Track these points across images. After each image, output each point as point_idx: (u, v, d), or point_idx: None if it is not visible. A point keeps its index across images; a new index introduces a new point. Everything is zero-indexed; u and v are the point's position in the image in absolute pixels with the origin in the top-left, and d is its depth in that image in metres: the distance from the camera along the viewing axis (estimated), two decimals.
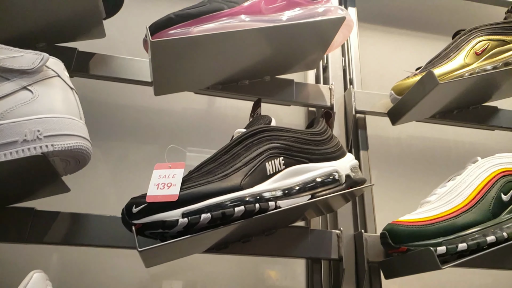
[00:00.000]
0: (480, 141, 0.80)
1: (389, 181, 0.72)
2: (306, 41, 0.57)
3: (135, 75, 0.57)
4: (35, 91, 0.40)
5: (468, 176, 0.53)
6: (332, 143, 0.48)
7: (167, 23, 0.48)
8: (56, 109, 0.40)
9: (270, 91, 0.62)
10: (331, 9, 0.57)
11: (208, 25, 0.48)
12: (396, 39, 0.87)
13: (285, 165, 0.43)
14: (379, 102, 0.66)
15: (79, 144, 0.40)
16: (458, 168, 0.57)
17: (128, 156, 0.63)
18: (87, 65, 0.56)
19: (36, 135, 0.37)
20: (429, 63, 0.63)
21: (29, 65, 0.40)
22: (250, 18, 0.51)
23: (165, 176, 0.39)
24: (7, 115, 0.37)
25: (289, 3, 0.55)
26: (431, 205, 0.51)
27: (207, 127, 0.67)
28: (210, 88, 0.59)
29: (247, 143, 0.43)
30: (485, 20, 0.84)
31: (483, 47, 0.63)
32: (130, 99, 0.65)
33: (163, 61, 0.49)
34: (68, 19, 0.52)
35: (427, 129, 0.75)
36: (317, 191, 0.43)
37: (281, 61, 0.60)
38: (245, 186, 0.39)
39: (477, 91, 0.65)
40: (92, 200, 0.58)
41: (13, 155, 0.36)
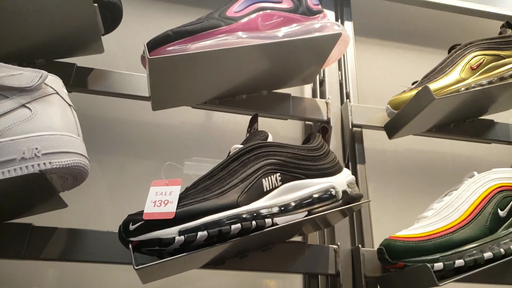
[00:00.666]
0: (477, 154, 0.81)
1: (386, 195, 0.73)
2: (303, 56, 0.58)
3: (133, 90, 0.58)
4: (33, 108, 0.40)
5: (465, 191, 0.53)
6: (328, 159, 0.49)
7: (165, 40, 0.49)
8: (54, 127, 0.40)
9: (267, 105, 0.63)
10: (327, 25, 0.58)
11: (205, 42, 0.49)
12: (392, 52, 0.88)
13: (282, 181, 0.43)
14: (376, 116, 0.67)
15: (76, 161, 0.40)
16: (455, 181, 0.58)
17: (126, 170, 0.63)
18: (86, 81, 0.57)
19: (34, 153, 0.38)
20: (425, 77, 0.64)
21: (28, 83, 0.41)
22: (247, 35, 0.52)
23: (162, 193, 0.39)
24: (6, 132, 0.38)
25: (286, 20, 0.56)
26: (428, 220, 0.51)
27: (204, 141, 0.68)
28: (207, 103, 0.60)
29: (244, 159, 0.44)
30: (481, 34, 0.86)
31: (479, 62, 0.64)
32: (128, 113, 0.66)
33: (160, 77, 0.50)
34: (67, 35, 0.53)
35: (423, 142, 0.76)
36: (314, 207, 0.43)
37: (278, 76, 0.61)
38: (242, 203, 0.39)
39: (473, 105, 0.66)
40: (90, 215, 0.59)
41: (11, 173, 0.36)
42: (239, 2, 0.55)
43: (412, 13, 0.92)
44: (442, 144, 0.79)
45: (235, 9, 0.54)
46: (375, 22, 0.89)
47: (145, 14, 0.76)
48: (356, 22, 0.80)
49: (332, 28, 0.57)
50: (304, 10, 0.58)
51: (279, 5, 0.57)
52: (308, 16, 0.58)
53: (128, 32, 0.68)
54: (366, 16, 0.87)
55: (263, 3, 0.55)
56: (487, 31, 0.91)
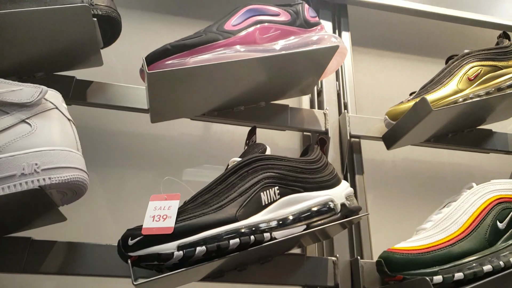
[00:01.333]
0: (476, 163, 0.81)
1: (384, 205, 0.73)
2: (301, 68, 0.58)
3: (132, 103, 0.59)
4: (33, 124, 0.41)
5: (463, 203, 0.54)
6: (327, 171, 0.50)
7: (164, 54, 0.50)
8: (54, 142, 0.41)
9: (265, 116, 0.63)
10: (324, 37, 0.59)
11: (204, 55, 0.50)
12: (390, 62, 0.89)
13: (280, 195, 0.44)
14: (374, 126, 0.67)
15: (75, 176, 0.41)
16: (453, 191, 0.58)
17: (125, 182, 0.64)
18: (85, 93, 0.57)
19: (34, 168, 0.38)
20: (422, 88, 0.65)
21: (28, 98, 0.41)
22: (245, 48, 0.53)
23: (160, 208, 0.40)
24: (6, 148, 0.39)
25: (284, 32, 0.57)
26: (427, 232, 0.51)
27: (203, 152, 0.69)
28: (206, 114, 0.61)
29: (242, 172, 0.44)
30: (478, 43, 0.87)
31: (476, 72, 0.65)
32: (127, 125, 0.67)
33: (159, 91, 0.51)
34: (66, 48, 0.53)
35: (422, 152, 0.77)
36: (313, 220, 0.44)
37: (276, 87, 0.61)
38: (240, 218, 0.40)
39: (471, 115, 0.67)
40: (89, 227, 0.59)
41: (11, 189, 0.37)
42: (237, 15, 0.56)
43: (409, 23, 0.93)
44: (441, 154, 0.80)
45: (233, 22, 0.55)
46: (372, 32, 0.90)
47: (143, 26, 0.77)
48: (353, 32, 0.82)
49: (330, 40, 0.58)
50: (301, 23, 0.59)
51: (276, 18, 0.57)
52: (306, 29, 0.59)
53: (127, 44, 0.69)
54: (364, 26, 0.88)
55: (260, 16, 0.56)
56: (484, 40, 0.92)
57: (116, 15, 0.54)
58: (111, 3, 0.54)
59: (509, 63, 0.68)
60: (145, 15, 0.78)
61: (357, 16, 0.86)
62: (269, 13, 0.57)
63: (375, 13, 0.88)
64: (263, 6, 0.58)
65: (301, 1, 0.62)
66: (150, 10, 0.78)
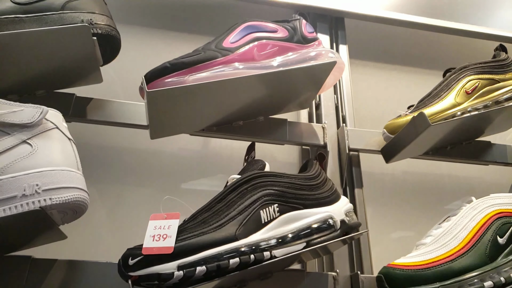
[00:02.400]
0: (475, 175, 0.82)
1: (384, 218, 0.74)
2: (299, 84, 0.60)
3: (131, 119, 0.60)
4: (34, 144, 0.42)
5: (463, 218, 0.54)
6: (326, 187, 0.50)
7: (163, 72, 0.51)
8: (54, 162, 0.42)
9: (264, 131, 0.64)
10: (322, 53, 0.60)
11: (202, 73, 0.51)
12: (387, 74, 0.90)
13: (280, 212, 0.45)
14: (372, 139, 0.69)
15: (76, 196, 0.41)
16: (452, 203, 0.59)
17: (125, 198, 0.64)
18: (85, 110, 0.58)
19: (35, 189, 0.39)
20: (420, 102, 0.66)
21: (29, 119, 0.42)
22: (244, 66, 0.54)
23: (160, 227, 0.41)
24: (7, 169, 0.39)
25: (282, 49, 0.58)
26: (427, 247, 0.52)
27: (202, 167, 0.70)
28: (205, 130, 0.62)
29: (242, 190, 0.45)
30: (475, 54, 0.89)
31: (473, 86, 0.66)
32: (126, 141, 0.68)
33: (158, 108, 0.52)
34: (67, 67, 0.55)
35: (421, 164, 0.78)
36: (312, 238, 0.45)
37: (275, 102, 0.63)
38: (240, 236, 0.40)
39: (469, 127, 0.68)
40: (89, 245, 0.60)
41: (12, 210, 0.38)
42: (235, 32, 0.57)
43: (406, 35, 0.95)
44: (440, 166, 0.81)
45: (231, 39, 0.56)
46: (369, 45, 0.92)
47: (142, 41, 0.78)
48: (351, 45, 0.83)
49: (327, 56, 0.59)
50: (299, 39, 0.60)
51: (274, 34, 0.59)
52: (303, 44, 0.60)
53: (126, 60, 0.70)
54: (361, 39, 0.90)
55: (258, 33, 0.58)
56: (481, 50, 0.94)
57: (115, 33, 0.55)
58: (110, 21, 0.56)
59: (506, 76, 0.69)
60: (143, 30, 0.79)
61: (355, 29, 0.88)
62: (267, 29, 0.59)
63: (372, 25, 0.89)
64: (261, 23, 0.59)
65: (299, 17, 0.63)
66: (148, 26, 0.80)
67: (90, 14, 0.54)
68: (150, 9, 0.82)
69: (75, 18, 0.53)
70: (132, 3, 0.81)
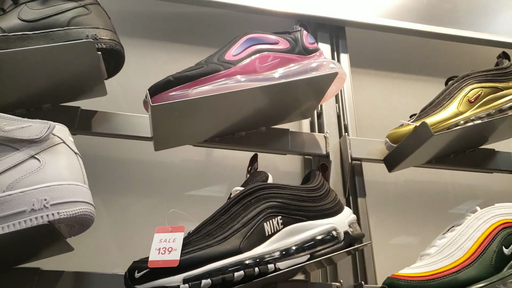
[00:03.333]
0: (479, 183, 0.83)
1: (388, 227, 0.75)
2: (301, 95, 0.61)
3: (135, 131, 0.61)
4: (42, 159, 0.43)
5: (468, 228, 0.55)
6: (329, 198, 0.52)
7: (166, 86, 0.53)
8: (61, 176, 0.43)
9: (266, 141, 0.66)
10: (323, 64, 0.61)
11: (205, 87, 0.53)
12: (389, 82, 0.92)
13: (283, 224, 0.46)
14: (375, 148, 0.70)
15: (83, 210, 0.43)
16: (457, 212, 0.60)
17: (130, 210, 0.66)
18: (90, 123, 0.60)
19: (43, 204, 0.41)
20: (422, 111, 0.67)
21: (37, 134, 0.44)
22: (246, 78, 0.55)
23: (166, 240, 0.42)
24: (16, 185, 0.41)
25: (283, 60, 0.60)
26: (431, 258, 0.53)
27: (205, 178, 0.71)
28: (208, 141, 0.63)
29: (245, 202, 0.46)
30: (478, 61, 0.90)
31: (476, 94, 0.67)
32: (130, 153, 0.69)
33: (162, 121, 0.53)
34: (72, 81, 0.56)
35: (424, 173, 0.79)
36: (316, 250, 0.46)
37: (277, 113, 0.64)
38: (244, 249, 0.42)
39: (473, 135, 0.69)
40: (94, 256, 0.61)
41: (21, 225, 0.39)
42: (237, 45, 0.59)
43: (407, 42, 0.96)
44: (443, 174, 0.82)
45: (233, 52, 0.57)
46: (371, 53, 0.93)
47: (145, 53, 0.80)
48: (352, 54, 0.84)
49: (329, 66, 0.61)
50: (300, 50, 0.62)
51: (275, 46, 0.60)
52: (305, 55, 0.62)
53: (129, 72, 0.72)
54: (362, 47, 0.91)
55: (260, 45, 0.59)
56: (483, 57, 0.95)
57: (119, 48, 0.57)
58: (114, 36, 0.57)
59: (509, 84, 0.70)
60: (146, 43, 0.81)
61: (355, 38, 0.89)
62: (268, 41, 0.60)
63: (373, 34, 0.91)
64: (262, 35, 0.61)
65: (300, 28, 0.64)
66: (150, 38, 0.82)
67: (94, 29, 0.56)
68: (152, 22, 0.84)
69: (80, 34, 0.54)
70: (134, 16, 0.83)
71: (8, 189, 0.41)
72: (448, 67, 0.94)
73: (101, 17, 0.59)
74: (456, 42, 0.93)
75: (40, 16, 0.54)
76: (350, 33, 0.87)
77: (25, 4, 0.56)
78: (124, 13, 0.82)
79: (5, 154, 0.42)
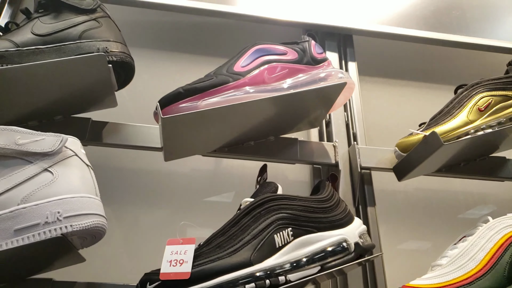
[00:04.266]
0: (490, 191, 0.83)
1: (398, 236, 0.75)
2: (309, 105, 0.61)
3: (145, 142, 0.62)
4: (55, 172, 0.44)
5: (480, 238, 0.55)
6: (339, 209, 0.52)
7: (176, 97, 0.53)
8: (74, 189, 0.44)
9: (274, 151, 0.66)
10: (332, 74, 0.62)
11: (214, 98, 0.54)
12: (397, 90, 0.92)
13: (294, 236, 0.46)
14: (384, 157, 0.70)
15: (95, 222, 0.44)
16: (467, 221, 0.60)
17: (139, 219, 0.67)
18: (101, 134, 0.61)
19: (57, 216, 0.42)
20: (432, 119, 0.67)
21: (50, 147, 0.45)
22: (254, 89, 0.56)
23: (177, 252, 0.43)
24: (30, 197, 0.42)
25: (291, 71, 0.60)
26: (443, 269, 0.52)
27: (214, 187, 0.72)
28: (217, 151, 0.64)
29: (255, 213, 0.47)
30: (488, 68, 0.89)
31: (486, 103, 0.67)
32: (140, 163, 0.70)
33: (172, 132, 0.54)
34: (83, 93, 0.57)
35: (433, 181, 0.79)
36: (327, 261, 0.46)
37: (285, 122, 0.64)
38: (255, 261, 0.42)
39: (483, 144, 0.69)
40: (105, 266, 0.62)
41: (35, 238, 0.40)
42: (245, 56, 0.59)
43: (415, 50, 0.96)
44: (453, 182, 0.82)
45: (242, 63, 0.58)
46: (378, 61, 0.94)
47: (154, 64, 0.81)
48: (359, 62, 0.85)
49: (337, 76, 0.61)
50: (308, 60, 0.62)
51: (284, 57, 0.61)
52: (313, 66, 0.62)
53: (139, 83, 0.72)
54: (370, 55, 0.91)
55: (268, 56, 0.60)
56: (492, 64, 0.95)
57: (129, 60, 0.58)
58: (124, 48, 0.59)
59: None
60: (154, 53, 0.82)
61: (363, 46, 0.89)
62: (277, 52, 0.61)
63: (381, 42, 0.91)
64: (270, 46, 0.61)
65: (308, 39, 0.65)
66: (159, 49, 0.83)
67: (105, 42, 0.57)
68: (161, 32, 0.85)
69: (91, 47, 0.56)
70: (144, 26, 0.85)
71: (22, 202, 0.42)
72: (457, 74, 0.94)
73: (112, 29, 0.60)
74: (465, 49, 0.93)
75: (53, 30, 0.56)
76: (357, 41, 0.88)
77: (38, 19, 0.57)
78: (134, 24, 0.84)
79: (19, 167, 0.43)
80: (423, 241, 0.75)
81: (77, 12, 0.59)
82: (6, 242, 0.39)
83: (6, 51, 0.53)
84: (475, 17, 1.01)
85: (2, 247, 0.39)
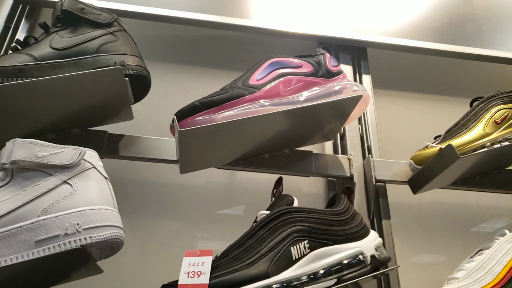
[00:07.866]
0: (506, 204, 0.82)
1: (413, 249, 0.75)
2: (324, 118, 0.62)
3: (161, 155, 0.63)
4: (74, 184, 0.45)
5: (497, 252, 0.55)
6: (355, 222, 0.52)
7: (193, 111, 0.55)
8: (93, 201, 0.45)
9: (289, 163, 0.67)
10: (347, 86, 0.63)
11: (230, 111, 0.55)
12: (412, 103, 0.92)
13: (310, 249, 0.46)
14: (399, 170, 0.70)
15: (114, 234, 0.45)
16: (482, 234, 0.60)
17: (155, 232, 0.68)
18: (117, 147, 0.62)
19: (76, 228, 0.43)
20: (447, 132, 0.68)
21: (69, 160, 0.46)
22: (270, 102, 0.57)
23: (194, 264, 0.43)
24: (50, 209, 0.43)
25: (307, 84, 0.61)
26: (460, 282, 0.53)
27: (229, 200, 0.72)
28: (232, 163, 0.65)
29: (271, 225, 0.48)
30: (503, 81, 0.89)
31: (503, 115, 0.67)
32: (155, 176, 0.71)
33: (189, 146, 0.55)
34: (100, 106, 0.59)
35: (448, 194, 0.78)
36: (343, 274, 0.46)
37: (300, 135, 0.65)
38: (272, 273, 0.43)
39: (499, 156, 0.69)
40: (122, 278, 0.63)
41: (55, 249, 0.41)
42: (260, 69, 0.61)
43: (429, 62, 0.97)
44: (468, 195, 0.81)
45: (257, 76, 0.59)
46: (393, 73, 0.94)
47: (169, 77, 0.83)
48: (374, 75, 0.86)
49: (352, 89, 0.62)
50: (324, 73, 0.63)
51: (299, 70, 0.62)
52: (328, 79, 0.63)
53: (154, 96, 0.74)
54: (384, 68, 0.92)
55: (284, 69, 0.61)
56: (508, 76, 0.95)
57: (146, 73, 0.60)
58: (141, 62, 0.60)
59: None
60: (170, 67, 0.84)
61: (377, 58, 0.90)
62: (292, 65, 0.62)
63: (395, 54, 0.92)
64: (285, 59, 0.63)
65: (323, 51, 0.66)
66: (174, 62, 0.85)
67: (122, 56, 0.59)
68: (176, 46, 0.87)
69: (108, 61, 0.57)
70: (159, 40, 0.87)
71: (43, 213, 0.43)
72: (472, 87, 0.94)
73: (128, 43, 0.62)
74: (480, 61, 0.93)
75: (70, 44, 0.58)
76: (372, 54, 0.89)
77: (56, 33, 0.59)
78: (150, 38, 0.86)
79: (39, 179, 0.45)
80: (437, 254, 0.75)
81: (94, 26, 0.60)
82: (27, 253, 0.41)
83: (25, 65, 0.55)
84: (491, 29, 1.02)
85: (24, 257, 0.40)
